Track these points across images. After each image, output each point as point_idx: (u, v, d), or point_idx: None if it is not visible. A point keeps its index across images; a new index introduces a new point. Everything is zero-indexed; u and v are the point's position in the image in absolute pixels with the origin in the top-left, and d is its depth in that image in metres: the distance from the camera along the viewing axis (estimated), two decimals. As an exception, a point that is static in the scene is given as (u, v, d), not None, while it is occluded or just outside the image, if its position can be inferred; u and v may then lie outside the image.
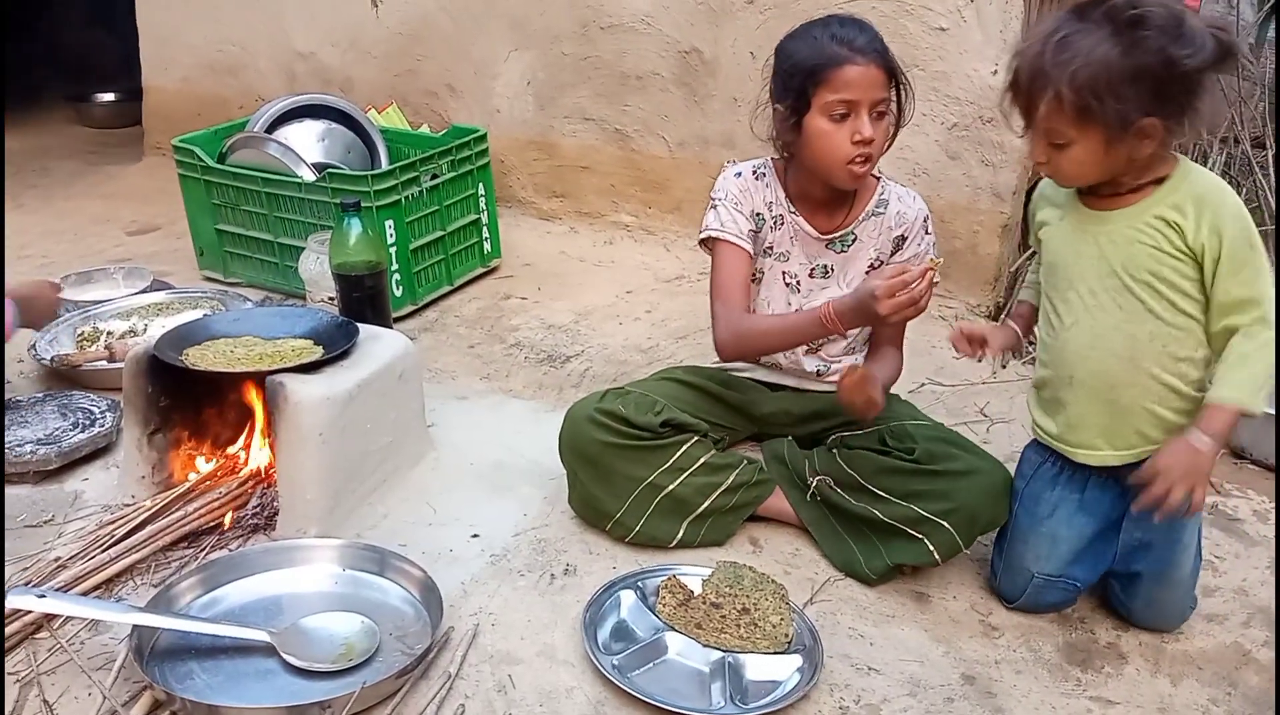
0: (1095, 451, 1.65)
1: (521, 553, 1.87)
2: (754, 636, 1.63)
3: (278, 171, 2.85)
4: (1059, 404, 1.66)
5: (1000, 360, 2.66)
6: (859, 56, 1.74)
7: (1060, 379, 1.65)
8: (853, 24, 1.79)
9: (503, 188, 3.47)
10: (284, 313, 2.18)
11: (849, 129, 1.76)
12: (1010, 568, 1.76)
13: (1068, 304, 1.62)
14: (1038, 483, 1.73)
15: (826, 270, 1.95)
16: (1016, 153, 2.74)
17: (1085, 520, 1.70)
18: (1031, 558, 1.72)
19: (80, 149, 4.55)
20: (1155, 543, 1.67)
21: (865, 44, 1.75)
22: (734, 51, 3.05)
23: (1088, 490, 1.69)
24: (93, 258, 3.24)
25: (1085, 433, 1.65)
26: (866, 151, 1.78)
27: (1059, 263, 1.63)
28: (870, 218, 1.93)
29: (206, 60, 4.01)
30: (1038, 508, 1.72)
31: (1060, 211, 1.64)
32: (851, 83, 1.74)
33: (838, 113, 1.76)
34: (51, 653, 1.59)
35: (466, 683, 1.57)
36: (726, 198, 1.93)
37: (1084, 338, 1.60)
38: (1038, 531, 1.72)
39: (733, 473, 1.90)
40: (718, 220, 1.92)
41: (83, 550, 1.80)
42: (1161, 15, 1.39)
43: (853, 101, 1.75)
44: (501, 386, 2.53)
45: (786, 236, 1.95)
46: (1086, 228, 1.58)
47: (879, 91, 1.76)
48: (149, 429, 1.97)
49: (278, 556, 1.79)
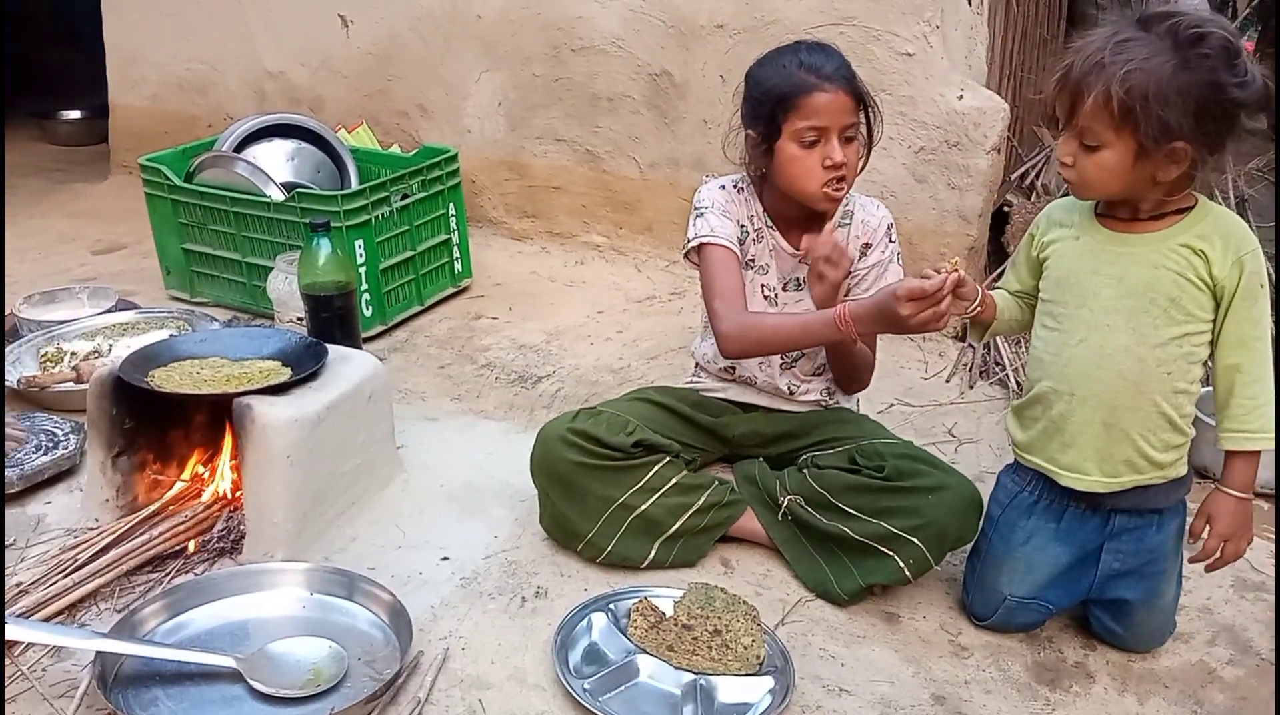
0: (1084, 476, 1.64)
1: (492, 575, 1.86)
2: (726, 658, 1.63)
3: (246, 191, 2.83)
4: (1052, 422, 1.65)
5: (968, 380, 2.69)
6: (827, 84, 1.77)
7: (1058, 395, 1.63)
8: (820, 51, 1.81)
9: (474, 208, 3.47)
10: (251, 333, 2.16)
11: (820, 154, 1.79)
12: (982, 588, 1.78)
13: (1075, 320, 1.61)
14: (1014, 511, 1.74)
15: (800, 283, 1.98)
16: (982, 177, 2.78)
17: (1061, 549, 1.70)
18: (1005, 581, 1.74)
19: (45, 167, 4.51)
20: (1138, 571, 1.68)
21: (833, 71, 1.78)
22: (704, 74, 3.08)
23: (1065, 519, 1.70)
24: (57, 277, 3.20)
25: (1077, 454, 1.64)
26: (840, 174, 1.80)
27: (1071, 278, 1.62)
28: (838, 229, 1.94)
29: (175, 78, 3.99)
30: (1013, 535, 1.73)
31: (1073, 231, 1.63)
32: (820, 109, 1.77)
33: (808, 139, 1.79)
34: (13, 680, 1.56)
35: (436, 708, 1.55)
36: (713, 206, 1.94)
37: (1091, 355, 1.59)
38: (1012, 557, 1.73)
39: (704, 493, 1.90)
40: (707, 227, 1.92)
41: (45, 575, 1.77)
42: (1220, 40, 1.41)
43: (822, 128, 1.78)
44: (472, 407, 2.52)
45: (765, 250, 1.97)
46: (1106, 247, 1.58)
47: (847, 117, 1.79)
48: (113, 452, 1.95)
49: (244, 581, 1.77)
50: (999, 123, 2.75)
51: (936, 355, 2.80)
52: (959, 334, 2.90)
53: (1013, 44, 3.42)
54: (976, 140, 2.76)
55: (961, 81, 2.78)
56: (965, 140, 2.78)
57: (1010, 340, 2.88)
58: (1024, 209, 3.21)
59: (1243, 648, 1.78)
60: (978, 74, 2.93)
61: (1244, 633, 1.81)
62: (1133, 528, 1.67)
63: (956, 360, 2.78)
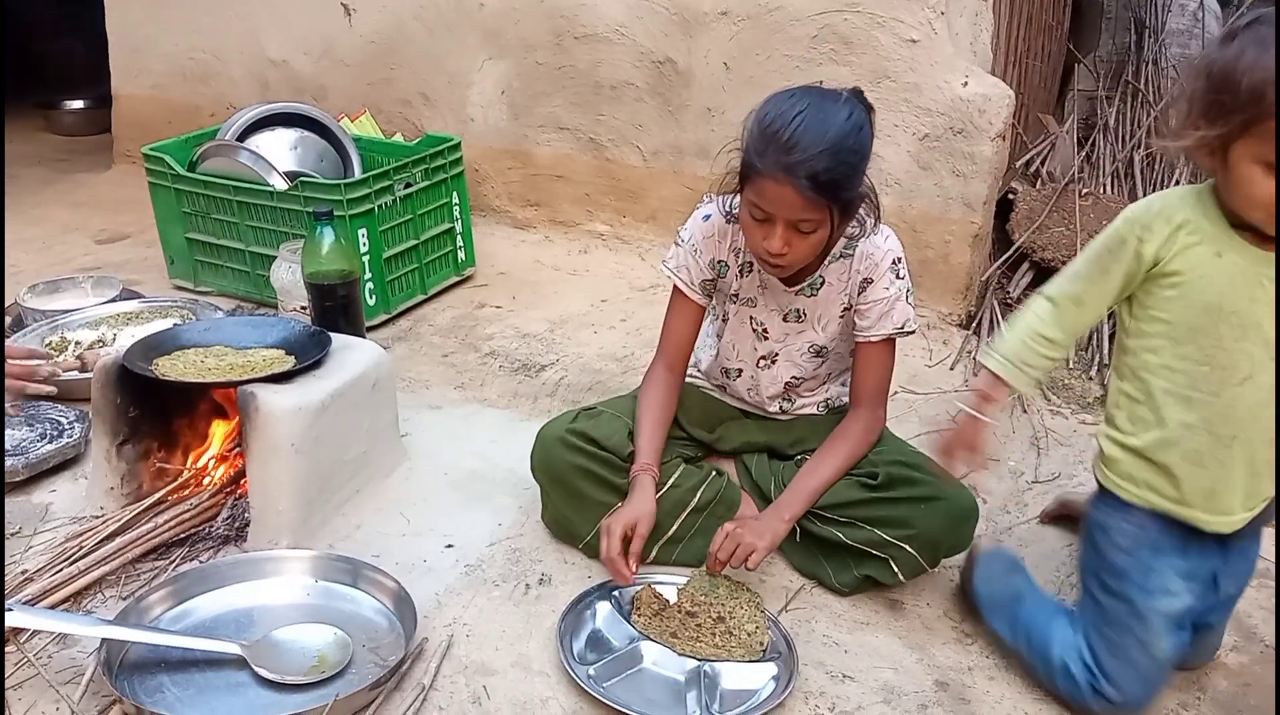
0: (1231, 517, 1.48)
1: (496, 563, 1.87)
2: (729, 645, 1.64)
3: (249, 180, 2.83)
4: (1200, 466, 1.46)
5: (973, 367, 2.68)
6: (781, 175, 1.56)
7: (1217, 440, 1.44)
8: (813, 129, 1.56)
9: (477, 196, 3.46)
10: (255, 322, 2.16)
11: (764, 232, 1.65)
12: (1128, 659, 1.50)
13: (1235, 354, 1.40)
14: (1143, 553, 1.52)
15: (800, 314, 1.87)
16: (987, 163, 2.77)
17: (1190, 585, 1.52)
18: (1154, 639, 1.50)
19: (49, 156, 4.50)
20: (1235, 594, 1.62)
21: (799, 162, 1.55)
22: (708, 62, 3.07)
23: (1189, 555, 1.52)
24: (61, 266, 3.20)
25: (1229, 498, 1.47)
26: (776, 261, 1.67)
27: (1226, 306, 1.39)
28: (838, 260, 1.81)
29: (178, 68, 3.98)
30: (1148, 581, 1.51)
31: (1209, 246, 1.40)
32: (766, 196, 1.61)
33: (756, 214, 1.65)
34: (19, 667, 1.57)
35: (441, 694, 1.56)
36: (688, 241, 1.86)
37: (1261, 395, 1.41)
38: (1153, 607, 1.50)
39: (700, 488, 1.89)
40: (675, 261, 1.89)
41: (50, 563, 1.77)
42: None
43: (768, 213, 1.63)
44: (476, 396, 2.52)
45: (754, 284, 1.87)
46: (1259, 269, 1.38)
47: (799, 213, 1.60)
48: (118, 440, 1.95)
49: (249, 568, 1.77)
50: (1004, 109, 2.74)
51: (941, 343, 2.80)
52: (963, 322, 2.89)
53: (1018, 30, 3.40)
54: (981, 127, 2.75)
55: (966, 68, 2.77)
56: (970, 127, 2.76)
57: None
58: (1029, 196, 3.20)
59: (1247, 634, 1.78)
60: (983, 60, 2.92)
61: (1248, 619, 1.80)
62: (1243, 548, 1.56)
63: (961, 348, 2.77)
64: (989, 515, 2.06)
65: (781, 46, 2.94)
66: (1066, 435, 2.41)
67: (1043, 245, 3.05)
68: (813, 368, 1.93)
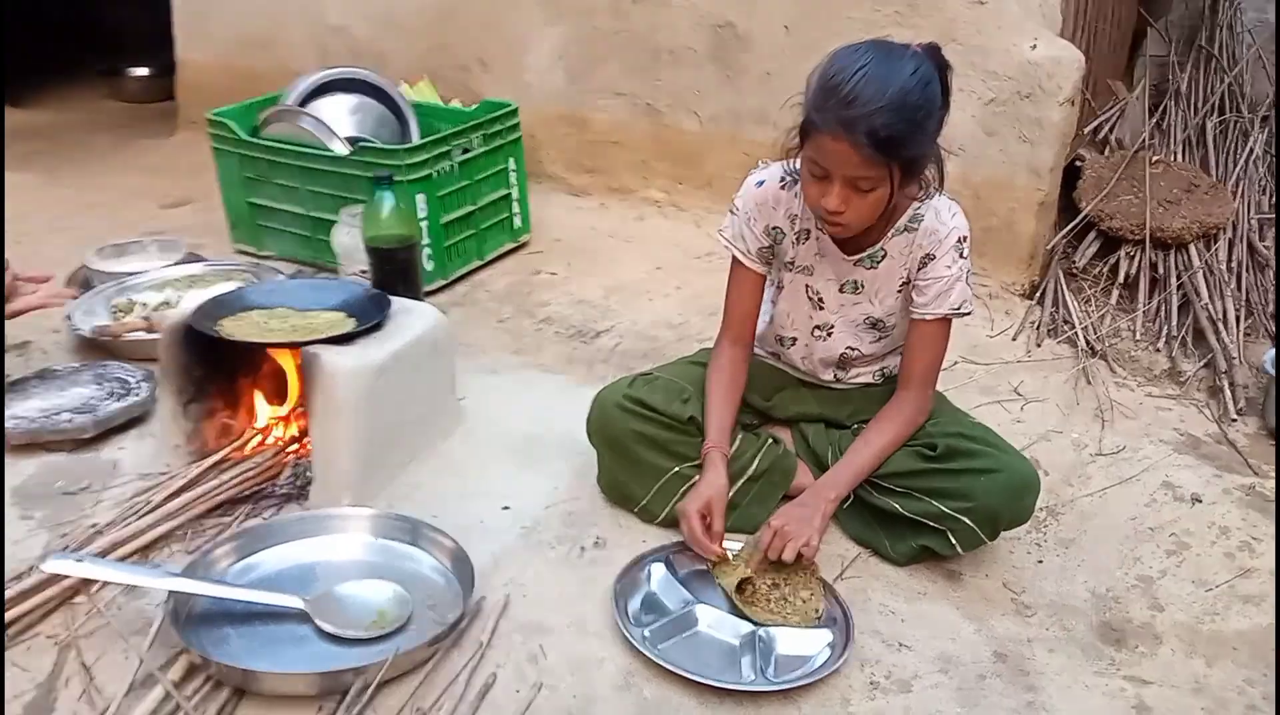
0: None
1: (552, 525, 1.88)
2: (784, 611, 1.63)
3: (310, 145, 2.85)
4: None
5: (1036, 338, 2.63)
6: (841, 131, 1.52)
7: None
8: (876, 80, 1.52)
9: (533, 163, 3.45)
10: (317, 285, 2.19)
11: (820, 190, 1.62)
12: None
13: None
14: None
15: (857, 286, 1.84)
16: (1055, 129, 2.70)
17: None
18: None
19: (114, 123, 4.58)
20: None
21: (858, 116, 1.51)
22: (768, 25, 3.02)
23: None
24: (127, 230, 3.25)
25: None
26: (834, 219, 1.64)
27: None
28: (902, 233, 1.77)
29: (240, 34, 4.02)
30: None
31: None
32: (824, 153, 1.57)
33: (815, 172, 1.62)
34: (89, 617, 1.61)
35: (498, 652, 1.57)
36: (742, 209, 1.83)
37: None
38: None
39: (757, 456, 1.88)
40: (731, 231, 1.86)
41: (120, 517, 1.82)
42: None
43: (826, 169, 1.59)
44: (532, 361, 2.53)
45: (811, 252, 1.83)
46: None
47: (856, 170, 1.56)
48: (184, 399, 1.99)
49: (311, 525, 1.80)
50: (1074, 74, 2.67)
51: (1003, 313, 2.75)
52: (1026, 292, 2.83)
53: (1088, -8, 3.29)
54: (1050, 91, 2.68)
55: (1035, 30, 2.69)
56: (1038, 91, 2.69)
57: (1081, 297, 2.82)
58: (1097, 164, 3.12)
59: None
60: (1051, 23, 2.83)
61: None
62: None
63: (1024, 318, 2.72)
64: (1050, 487, 2.02)
65: (844, 9, 2.88)
66: (1133, 408, 2.36)
67: (1110, 214, 2.97)
68: (870, 341, 1.90)
